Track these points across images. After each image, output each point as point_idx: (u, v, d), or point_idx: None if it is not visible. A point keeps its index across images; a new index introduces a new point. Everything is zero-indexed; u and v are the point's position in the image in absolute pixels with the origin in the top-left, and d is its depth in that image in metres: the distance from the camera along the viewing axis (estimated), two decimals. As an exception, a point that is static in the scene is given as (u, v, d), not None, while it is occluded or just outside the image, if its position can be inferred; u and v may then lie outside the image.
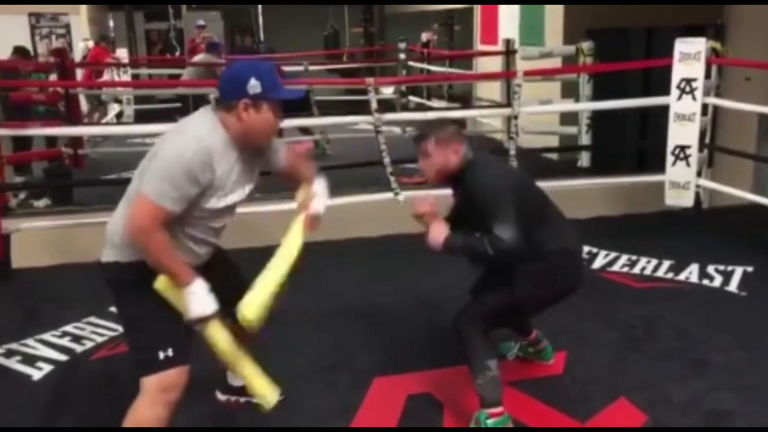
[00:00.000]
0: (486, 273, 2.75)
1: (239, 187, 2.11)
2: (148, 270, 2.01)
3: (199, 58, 8.38)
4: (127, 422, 2.09)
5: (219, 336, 2.08)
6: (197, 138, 1.97)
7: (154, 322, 2.05)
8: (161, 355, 2.04)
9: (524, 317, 2.89)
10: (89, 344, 3.30)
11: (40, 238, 4.37)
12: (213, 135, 2.00)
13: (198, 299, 2.01)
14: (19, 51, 6.98)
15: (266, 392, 2.15)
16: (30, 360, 3.14)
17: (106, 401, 2.78)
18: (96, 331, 3.44)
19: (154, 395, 2.05)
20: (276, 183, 2.55)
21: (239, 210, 2.24)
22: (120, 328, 3.41)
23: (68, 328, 3.47)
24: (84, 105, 8.40)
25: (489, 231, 2.32)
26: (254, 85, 1.99)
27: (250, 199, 2.25)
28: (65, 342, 3.32)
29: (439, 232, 2.47)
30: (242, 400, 2.60)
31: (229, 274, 2.35)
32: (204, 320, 2.03)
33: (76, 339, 3.36)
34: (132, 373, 2.93)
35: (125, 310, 2.14)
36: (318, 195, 2.34)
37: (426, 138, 2.50)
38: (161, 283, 2.02)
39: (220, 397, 2.68)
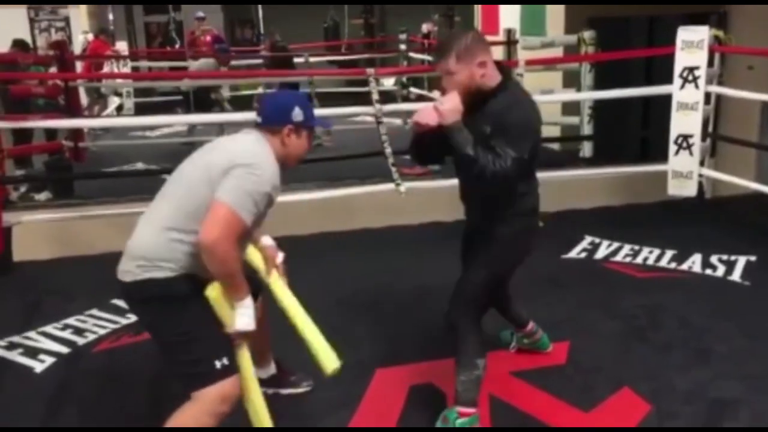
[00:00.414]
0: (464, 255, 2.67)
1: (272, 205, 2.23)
2: (188, 282, 2.05)
3: (205, 60, 8.49)
4: (172, 427, 2.07)
5: (244, 355, 2.16)
6: (271, 161, 2.12)
7: (207, 332, 2.07)
8: (218, 364, 2.04)
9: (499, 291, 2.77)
10: (91, 337, 3.30)
11: (41, 231, 4.37)
12: (272, 157, 2.15)
13: (248, 314, 2.09)
14: (18, 44, 6.95)
15: (264, 421, 2.23)
16: (32, 352, 3.14)
17: (108, 393, 2.78)
18: (98, 324, 3.44)
19: (212, 406, 2.04)
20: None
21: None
22: (122, 321, 3.45)
23: (70, 320, 3.47)
24: (84, 98, 8.38)
25: (496, 151, 2.16)
26: (298, 114, 2.20)
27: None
28: (67, 334, 3.32)
29: (454, 107, 2.20)
30: (269, 391, 2.64)
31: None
32: (245, 336, 2.12)
33: (78, 331, 3.35)
34: (134, 366, 2.96)
35: (170, 326, 2.08)
36: (274, 247, 2.44)
37: (446, 54, 2.24)
38: (214, 292, 2.06)
39: None
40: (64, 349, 3.17)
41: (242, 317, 2.08)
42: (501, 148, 2.17)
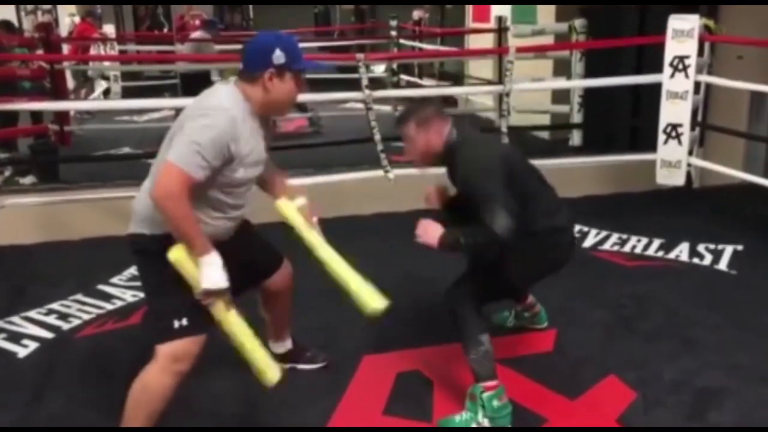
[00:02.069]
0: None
1: (257, 160, 2.17)
2: (170, 243, 2.04)
3: (196, 35, 8.14)
4: (136, 386, 2.14)
5: (225, 314, 2.11)
6: (224, 109, 2.03)
7: (172, 291, 2.08)
8: (176, 323, 2.08)
9: (515, 293, 2.88)
10: (76, 322, 3.27)
11: (26, 216, 4.32)
12: (236, 104, 2.07)
13: (212, 271, 2.02)
14: (3, 25, 6.84)
15: (267, 370, 2.17)
16: (15, 338, 3.11)
17: (93, 379, 2.76)
18: (83, 309, 3.40)
19: (165, 364, 2.09)
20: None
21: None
22: (107, 306, 3.43)
23: (54, 305, 3.44)
24: (70, 82, 8.27)
25: (481, 221, 2.24)
26: (279, 56, 2.07)
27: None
28: (51, 320, 3.29)
29: (430, 230, 2.39)
30: (286, 366, 2.64)
31: (256, 246, 2.46)
32: (215, 294, 2.05)
33: (63, 317, 3.32)
34: (118, 352, 2.93)
35: (147, 280, 2.21)
36: (308, 205, 2.43)
37: (406, 121, 2.45)
38: (176, 254, 2.03)
39: None
40: (48, 335, 3.14)
41: (207, 274, 2.01)
42: (482, 213, 2.24)
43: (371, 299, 2.31)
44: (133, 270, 3.86)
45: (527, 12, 7.50)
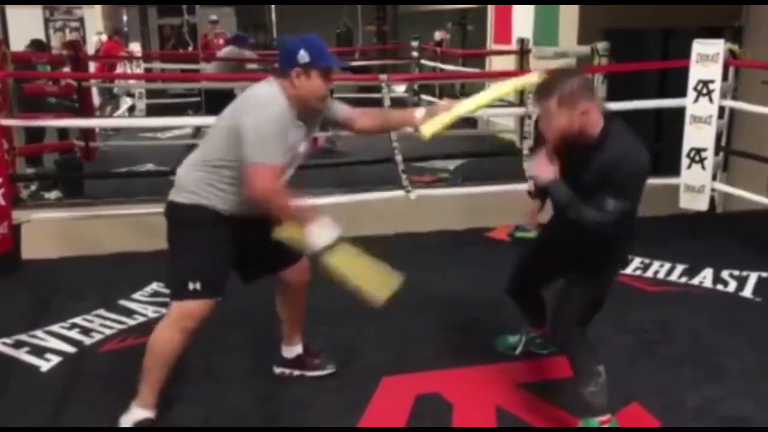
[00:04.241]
0: (525, 272, 2.77)
1: (297, 145, 2.39)
2: (199, 211, 2.33)
3: (225, 51, 8.12)
4: (150, 340, 2.40)
5: (342, 260, 2.32)
6: (273, 101, 2.28)
7: (194, 256, 2.34)
8: (191, 285, 2.31)
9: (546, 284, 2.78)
10: (98, 337, 3.29)
11: (50, 230, 4.37)
12: (279, 96, 2.31)
13: (319, 230, 2.28)
14: (34, 44, 6.99)
15: (381, 292, 2.39)
16: (38, 351, 3.13)
17: (114, 393, 2.76)
18: (105, 324, 3.43)
19: (174, 319, 2.34)
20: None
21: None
22: (129, 321, 3.45)
23: (77, 320, 3.46)
24: (96, 98, 8.42)
25: (602, 204, 2.15)
26: (303, 55, 2.30)
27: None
28: (74, 334, 3.31)
29: (548, 167, 2.24)
30: (296, 373, 2.82)
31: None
32: (330, 247, 2.29)
33: (85, 331, 3.34)
34: (138, 367, 2.94)
35: (173, 242, 2.42)
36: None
37: (548, 94, 2.17)
38: (281, 233, 2.29)
39: (276, 370, 2.85)
40: (70, 349, 3.16)
41: (317, 234, 2.27)
42: (606, 200, 2.16)
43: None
44: (154, 286, 3.89)
45: (549, 33, 7.51)
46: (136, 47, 10.40)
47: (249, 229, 2.39)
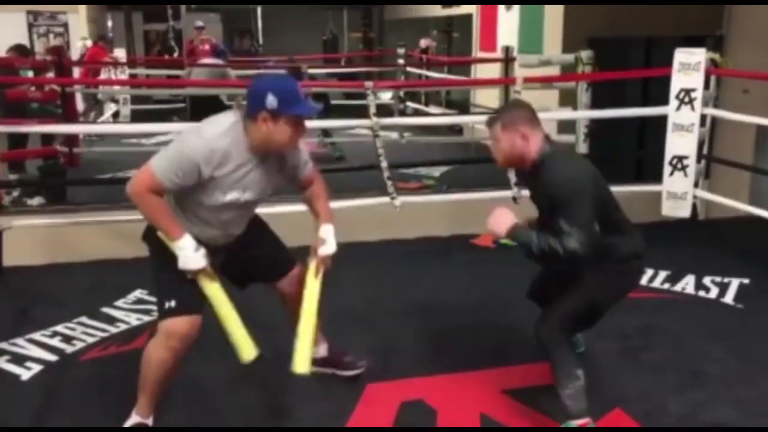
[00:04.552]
0: (544, 276, 2.77)
1: (249, 188, 2.35)
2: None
3: (207, 62, 8.39)
4: (144, 360, 2.41)
5: (212, 291, 2.35)
6: (208, 137, 2.25)
7: (165, 276, 2.37)
8: (166, 304, 2.33)
9: (593, 322, 2.82)
10: (79, 345, 3.26)
11: (32, 237, 4.33)
12: (227, 136, 2.26)
13: (183, 254, 2.29)
14: (16, 49, 6.93)
15: (244, 347, 2.36)
16: (19, 360, 3.10)
17: (95, 402, 2.75)
18: (87, 332, 3.40)
19: (161, 339, 2.36)
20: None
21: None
22: (111, 329, 3.43)
23: (59, 328, 3.43)
24: (80, 104, 8.35)
25: (560, 230, 2.25)
26: (271, 101, 2.22)
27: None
28: (55, 342, 3.28)
29: (503, 220, 2.40)
30: (328, 371, 2.84)
31: (264, 245, 2.64)
32: (192, 272, 2.31)
33: (67, 339, 3.31)
34: (122, 376, 2.92)
35: (151, 264, 2.47)
36: (327, 240, 2.56)
37: (493, 122, 2.45)
38: (162, 237, 2.33)
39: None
40: (51, 357, 3.13)
41: (181, 256, 2.29)
42: (560, 224, 2.26)
43: (299, 361, 2.41)
44: (138, 293, 3.87)
45: (534, 42, 7.57)
46: (121, 53, 10.30)
47: (229, 251, 2.48)
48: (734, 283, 4.01)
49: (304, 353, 2.41)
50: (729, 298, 3.83)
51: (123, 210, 4.51)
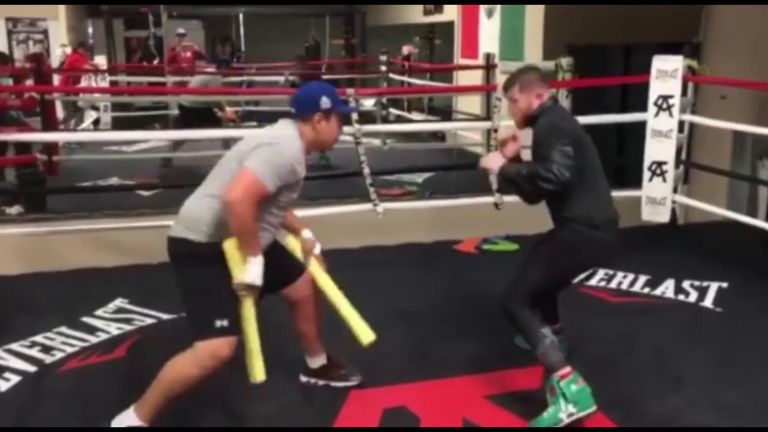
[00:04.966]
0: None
1: (299, 186, 2.54)
2: (215, 249, 2.34)
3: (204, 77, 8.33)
4: (167, 370, 2.37)
5: (250, 310, 2.40)
6: (293, 139, 2.45)
7: (217, 293, 2.35)
8: (217, 323, 2.32)
9: (561, 288, 3.02)
10: (59, 355, 3.23)
11: (11, 246, 4.28)
12: (298, 139, 2.47)
13: (255, 270, 2.33)
14: (-6, 56, 6.87)
15: (258, 371, 2.44)
16: (-3, 371, 3.06)
17: (75, 413, 2.72)
18: (67, 342, 3.36)
19: (201, 358, 2.32)
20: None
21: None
22: (92, 339, 3.39)
23: (38, 338, 3.39)
24: (60, 112, 8.27)
25: (544, 158, 2.51)
26: (325, 102, 2.48)
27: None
28: (34, 352, 3.24)
29: (494, 158, 2.72)
30: (321, 382, 2.90)
31: (282, 254, 2.69)
32: (250, 288, 2.35)
33: (46, 349, 3.28)
34: (102, 386, 2.90)
35: (189, 281, 2.41)
36: (313, 240, 2.77)
37: (512, 84, 2.75)
38: (229, 244, 2.33)
39: (302, 378, 2.93)
40: (30, 368, 3.09)
41: (250, 271, 2.32)
42: (546, 152, 2.52)
43: (363, 333, 2.60)
44: (118, 302, 3.84)
45: (515, 49, 7.62)
46: (101, 60, 10.22)
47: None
48: (713, 287, 4.06)
49: (362, 325, 2.60)
50: (708, 302, 3.88)
51: (104, 218, 4.50)
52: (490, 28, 8.43)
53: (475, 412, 2.72)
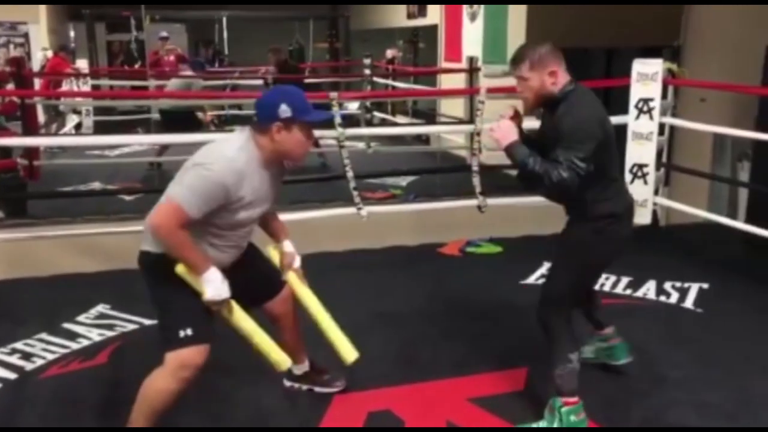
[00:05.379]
0: None
1: (263, 202, 2.39)
2: (173, 261, 2.26)
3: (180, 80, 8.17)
4: (144, 388, 2.32)
5: (236, 315, 2.34)
6: (228, 159, 2.23)
7: (177, 304, 2.30)
8: (181, 333, 2.26)
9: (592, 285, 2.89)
10: (39, 362, 3.19)
11: (-10, 252, 4.23)
12: (243, 154, 2.26)
13: (212, 286, 2.25)
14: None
15: (280, 359, 2.41)
16: (-24, 378, 3.02)
17: (56, 421, 2.69)
18: (47, 348, 3.32)
19: (172, 370, 2.27)
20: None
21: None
22: (72, 345, 3.36)
23: (18, 344, 3.35)
24: (42, 116, 8.20)
25: (556, 159, 2.29)
26: (285, 110, 2.26)
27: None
28: (14, 359, 3.21)
29: (508, 131, 2.43)
30: (304, 387, 2.88)
31: (257, 268, 2.62)
32: (218, 303, 2.28)
33: (26, 356, 3.24)
34: (83, 393, 2.88)
35: (154, 293, 2.38)
36: (293, 253, 2.64)
37: (520, 61, 2.44)
38: (180, 269, 2.27)
39: (286, 383, 2.91)
40: (10, 375, 3.06)
41: (208, 288, 2.24)
42: (561, 156, 2.30)
43: (346, 351, 2.54)
44: (100, 308, 3.81)
45: (498, 52, 7.66)
46: (83, 64, 10.14)
47: (227, 273, 2.35)
48: (694, 288, 4.10)
49: (344, 343, 2.53)
50: (689, 302, 3.91)
51: (86, 223, 4.46)
52: (473, 31, 8.46)
53: (458, 415, 2.72)
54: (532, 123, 2.63)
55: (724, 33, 5.22)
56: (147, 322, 3.60)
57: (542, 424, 2.56)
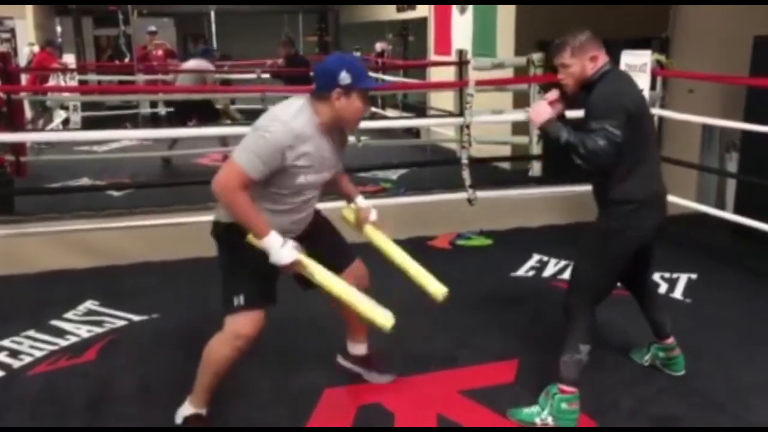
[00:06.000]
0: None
1: (324, 168, 2.42)
2: (238, 230, 2.31)
3: (191, 63, 7.91)
4: (206, 352, 2.43)
5: (318, 276, 2.35)
6: (285, 122, 2.27)
7: (238, 271, 2.38)
8: (235, 301, 2.36)
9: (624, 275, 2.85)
10: (27, 359, 3.17)
11: (-23, 249, 4.20)
12: (300, 118, 2.31)
13: (273, 251, 2.27)
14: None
15: (378, 317, 2.37)
16: (-36, 376, 3.00)
17: (44, 418, 2.68)
18: (35, 346, 3.30)
19: (227, 337, 2.39)
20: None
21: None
22: (61, 342, 3.35)
23: (5, 342, 3.33)
24: (29, 112, 8.14)
25: (590, 128, 2.36)
26: (345, 77, 2.29)
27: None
28: (2, 357, 3.18)
29: (542, 111, 2.52)
30: (356, 370, 2.90)
31: (325, 240, 2.64)
32: (291, 267, 2.30)
33: (14, 354, 3.22)
34: (72, 390, 2.86)
35: (219, 260, 2.47)
36: (368, 207, 2.71)
37: (562, 50, 2.53)
38: (250, 238, 2.30)
39: (339, 361, 2.93)
40: (-2, 373, 3.04)
41: (273, 254, 2.27)
42: (595, 125, 2.36)
43: (435, 288, 2.56)
44: (88, 304, 3.79)
45: (487, 45, 7.66)
46: (70, 59, 10.07)
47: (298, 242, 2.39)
48: (683, 279, 4.12)
49: (433, 281, 2.55)
50: (678, 293, 3.93)
51: (74, 219, 4.43)
52: (462, 24, 8.45)
53: (449, 408, 2.72)
54: (577, 114, 2.65)
55: (713, 24, 5.23)
56: (136, 318, 3.59)
57: (535, 408, 2.59)
